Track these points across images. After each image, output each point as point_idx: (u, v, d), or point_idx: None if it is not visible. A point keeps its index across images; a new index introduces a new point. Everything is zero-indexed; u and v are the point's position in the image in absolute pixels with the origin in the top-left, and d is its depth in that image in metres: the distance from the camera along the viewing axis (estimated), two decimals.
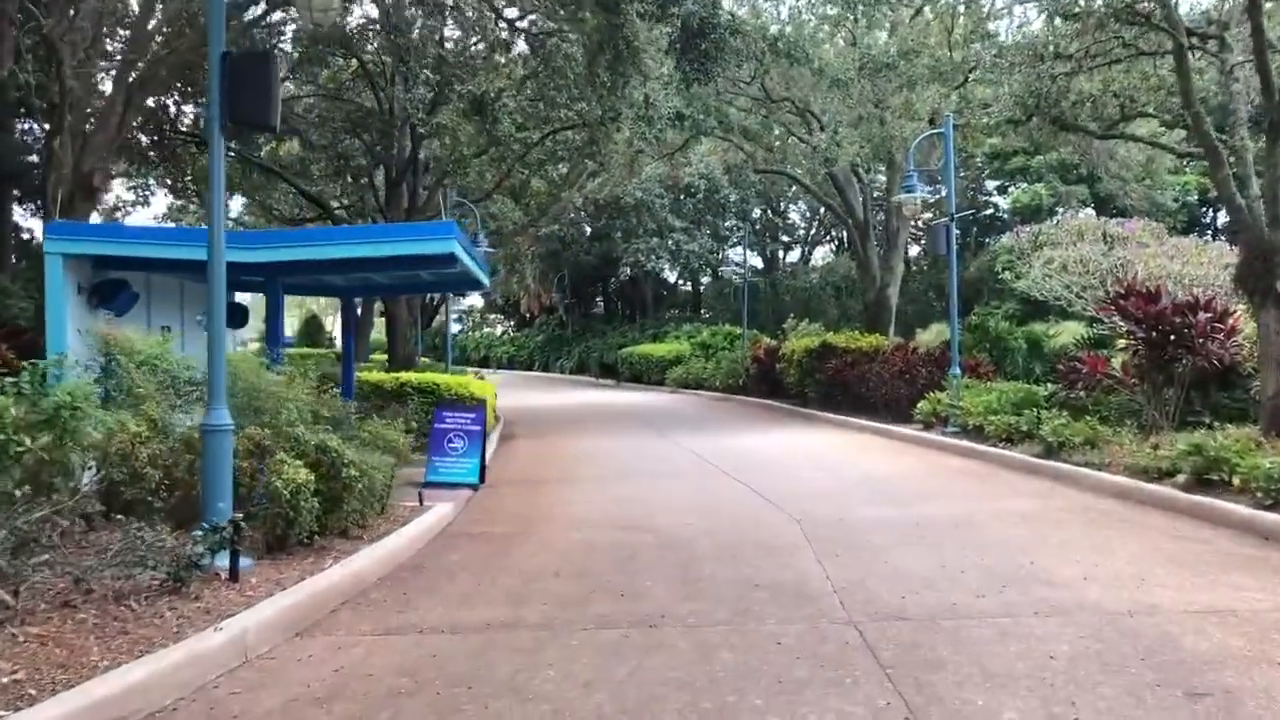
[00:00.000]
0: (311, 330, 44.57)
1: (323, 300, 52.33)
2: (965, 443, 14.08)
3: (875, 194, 35.69)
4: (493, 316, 57.96)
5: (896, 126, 19.13)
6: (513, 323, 54.90)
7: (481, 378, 23.07)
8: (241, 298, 14.35)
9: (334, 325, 48.64)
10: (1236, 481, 8.73)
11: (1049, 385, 15.14)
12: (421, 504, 10.03)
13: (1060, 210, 25.00)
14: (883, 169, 27.99)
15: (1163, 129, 15.93)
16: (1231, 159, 11.28)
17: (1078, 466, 11.09)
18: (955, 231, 15.66)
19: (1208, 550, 7.34)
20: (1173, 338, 12.04)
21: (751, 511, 9.75)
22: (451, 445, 12.72)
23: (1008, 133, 15.69)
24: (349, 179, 23.21)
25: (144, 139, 22.25)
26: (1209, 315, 12.25)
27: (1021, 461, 12.23)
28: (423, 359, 35.59)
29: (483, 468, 12.81)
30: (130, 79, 13.62)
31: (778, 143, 25.45)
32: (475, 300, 60.92)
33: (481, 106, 18.86)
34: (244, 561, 6.20)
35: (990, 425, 13.78)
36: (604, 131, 21.53)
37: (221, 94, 6.04)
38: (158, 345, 8.66)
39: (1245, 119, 11.30)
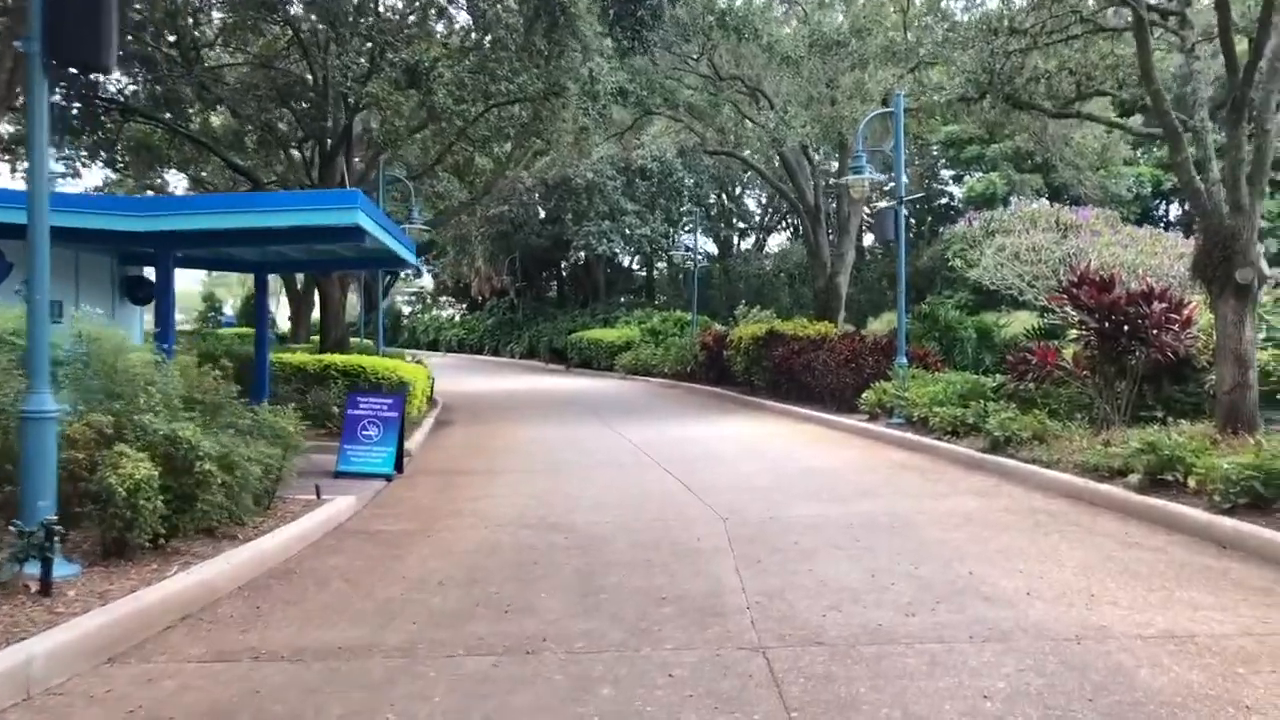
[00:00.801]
0: (250, 310, 43.29)
1: (271, 279, 51.02)
2: (910, 435, 13.46)
3: (829, 180, 35.15)
4: (444, 299, 56.77)
5: (848, 107, 18.43)
6: (464, 306, 53.79)
7: (419, 361, 22.17)
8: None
9: (279, 305, 47.28)
10: (1192, 483, 8.13)
11: (998, 376, 14.56)
12: (319, 498, 9.22)
13: (1014, 199, 24.47)
14: (836, 155, 27.34)
15: (1120, 114, 15.38)
16: (1192, 143, 10.69)
17: (1025, 463, 10.48)
18: (906, 217, 15.04)
19: (1162, 560, 6.70)
20: (1126, 328, 11.48)
21: (679, 508, 9.02)
22: (365, 433, 11.92)
23: (960, 113, 15.05)
24: (282, 153, 22.12)
25: (66, 104, 21.10)
26: (1164, 305, 11.69)
27: (967, 456, 11.61)
28: (366, 341, 34.62)
29: (400, 457, 12.02)
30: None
31: (730, 124, 24.65)
32: (426, 282, 59.76)
33: (416, 77, 17.93)
34: (66, 569, 5.36)
35: (936, 417, 13.16)
36: (549, 107, 20.67)
37: (43, 26, 5.17)
38: (14, 320, 7.72)
39: (1205, 100, 10.71)
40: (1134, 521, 8.03)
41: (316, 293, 30.47)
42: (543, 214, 39.53)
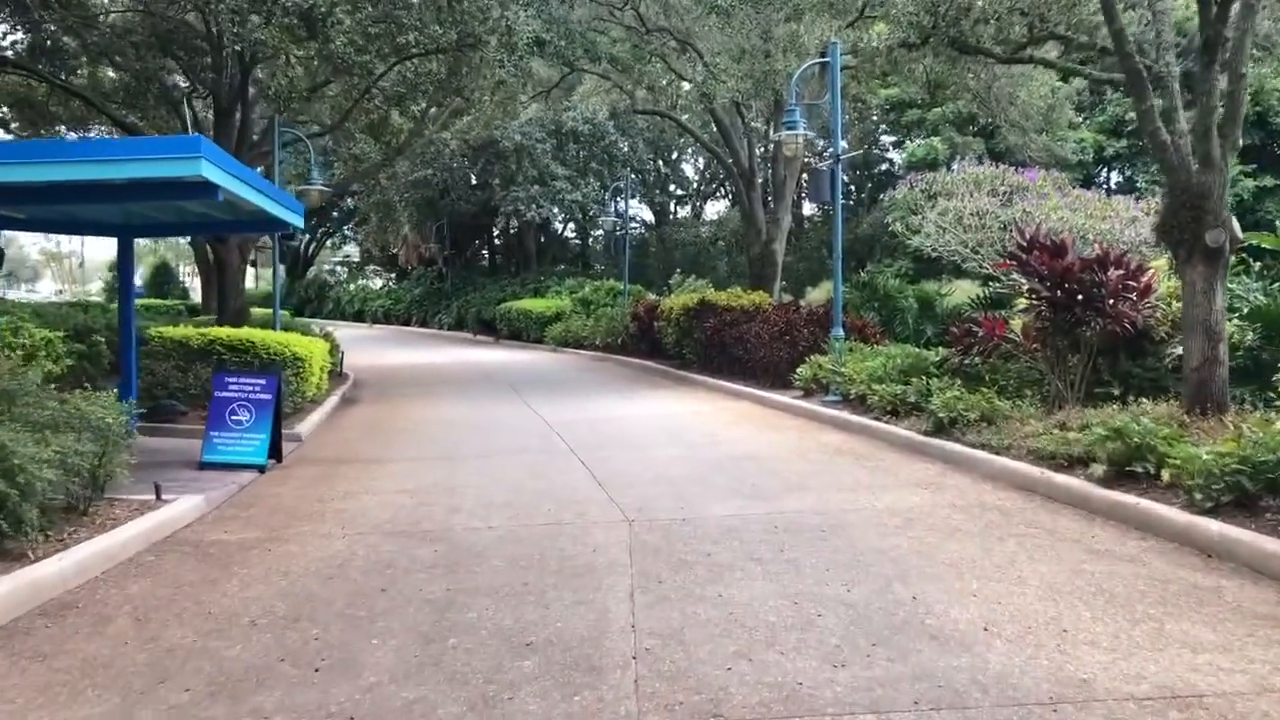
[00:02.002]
0: (160, 279, 40.98)
1: (181, 243, 48.67)
2: (846, 414, 12.34)
3: (766, 146, 33.93)
4: (370, 269, 54.72)
5: (782, 61, 17.14)
6: (393, 276, 51.88)
7: (327, 333, 20.61)
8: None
9: (192, 274, 45.05)
10: (1165, 475, 7.05)
11: (941, 350, 13.49)
12: (158, 498, 7.83)
13: (957, 163, 23.47)
14: (773, 117, 26.08)
15: (1074, 59, 14.30)
16: (1156, 91, 9.59)
17: (972, 448, 9.36)
18: (844, 182, 13.89)
19: (1141, 575, 5.59)
20: (1080, 297, 10.41)
21: (580, 507, 7.78)
22: (235, 418, 10.55)
23: (901, 65, 13.86)
24: (168, 108, 20.30)
25: None
26: (1121, 273, 10.63)
27: (907, 440, 10.49)
28: (283, 311, 32.74)
29: (276, 443, 10.66)
30: None
31: (660, 81, 23.23)
32: (352, 250, 57.71)
33: (312, 23, 16.31)
34: None
35: (874, 395, 12.05)
36: (465, 60, 19.16)
37: None
38: None
39: (1171, 44, 9.61)
40: (1100, 521, 6.93)
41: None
42: (474, 179, 37.81)
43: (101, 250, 73.05)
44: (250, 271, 50.22)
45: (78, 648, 4.63)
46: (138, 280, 49.40)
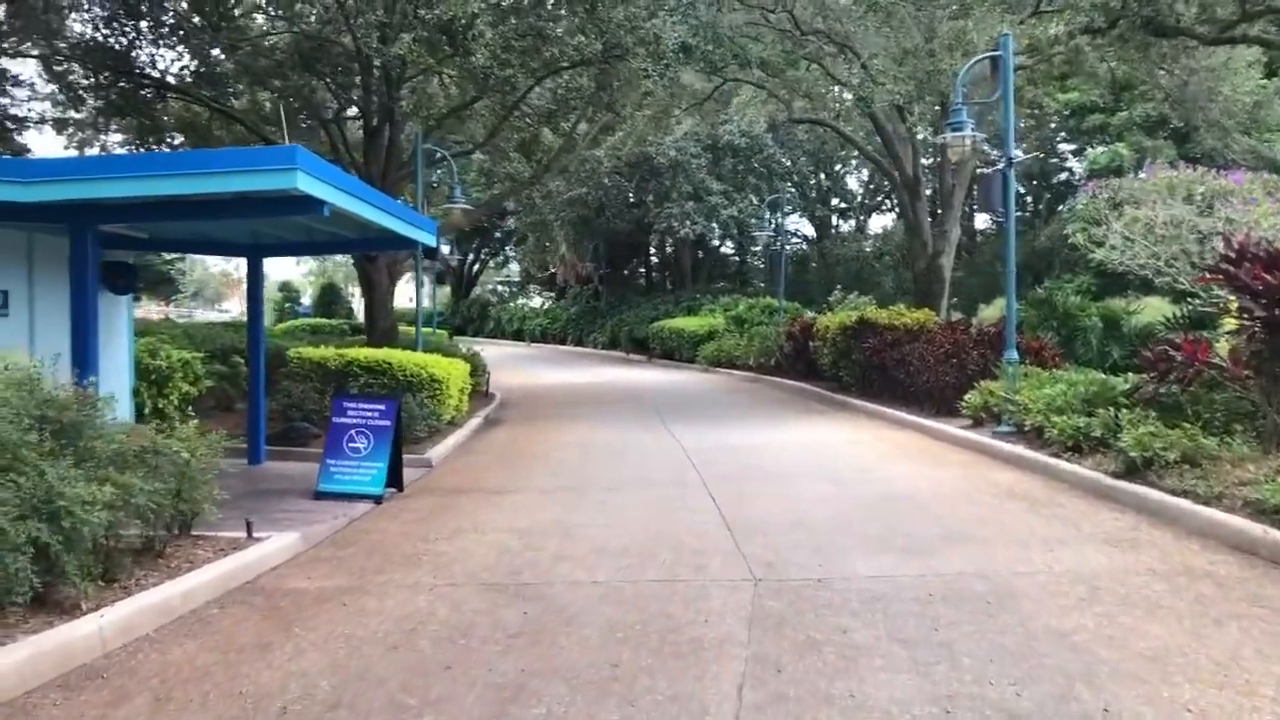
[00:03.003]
0: (328, 299, 42.22)
1: (349, 264, 50.19)
2: (1020, 449, 10.93)
3: (932, 156, 32.14)
4: (530, 288, 55.13)
5: (948, 60, 15.75)
6: (552, 294, 52.09)
7: (472, 353, 20.28)
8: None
9: (357, 295, 46.36)
10: None
11: (1130, 376, 11.85)
12: (249, 536, 7.29)
13: (1147, 167, 21.35)
14: (935, 122, 24.50)
15: None
16: None
17: (1173, 495, 7.91)
18: (1019, 193, 12.49)
19: None
20: None
21: (700, 558, 6.81)
22: (352, 445, 10.08)
23: (1082, 58, 12.31)
24: (324, 131, 20.47)
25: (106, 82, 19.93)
26: None
27: (1092, 482, 9.06)
28: (440, 331, 32.97)
29: (397, 472, 10.15)
30: None
31: (817, 88, 22.03)
32: (514, 270, 58.39)
33: (452, 35, 15.97)
34: None
35: (1053, 427, 10.59)
36: (613, 73, 18.53)
37: None
38: None
39: None
40: None
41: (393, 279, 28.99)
42: (632, 197, 37.37)
43: (279, 271, 76.65)
44: (413, 291, 51.52)
45: None
46: (305, 300, 51.32)
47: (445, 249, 30.75)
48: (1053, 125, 38.25)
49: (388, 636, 5.18)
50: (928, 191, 26.79)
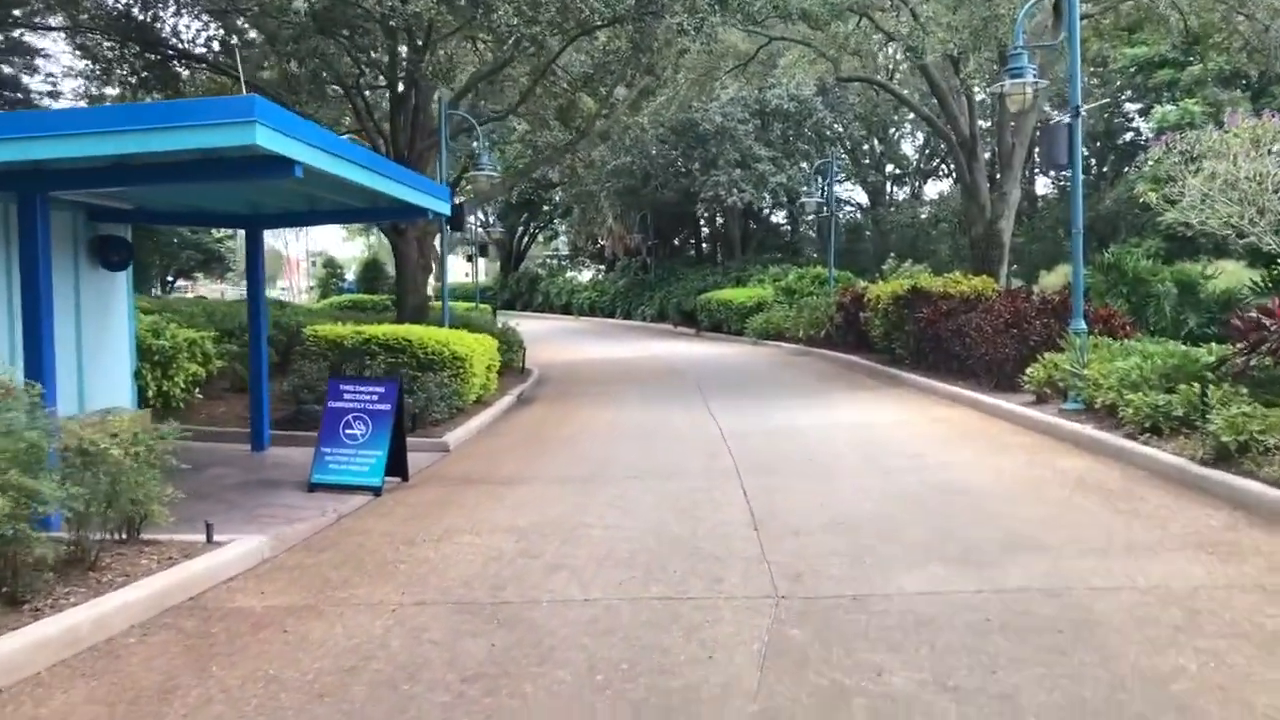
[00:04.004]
0: (371, 275, 41.71)
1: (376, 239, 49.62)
2: (1090, 430, 9.77)
3: (989, 117, 30.49)
4: (579, 260, 54.17)
5: (1006, 4, 14.43)
6: (602, 267, 51.12)
7: (508, 327, 19.40)
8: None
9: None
10: None
11: (1214, 346, 10.59)
12: (208, 541, 6.45)
13: (1227, 116, 19.72)
14: (992, 78, 23.05)
15: None
16: None
17: (1276, 488, 6.77)
18: (1084, 155, 11.24)
19: None
20: None
21: (717, 568, 5.84)
22: (349, 432, 9.30)
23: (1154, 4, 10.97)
24: (350, 102, 19.64)
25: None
26: None
27: (1178, 471, 7.89)
28: (482, 306, 32.17)
29: (400, 460, 9.32)
30: None
31: (869, 43, 20.70)
32: (562, 243, 57.52)
33: None
34: None
35: (1127, 406, 9.42)
36: (650, 32, 17.42)
37: None
38: None
39: None
40: None
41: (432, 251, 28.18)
42: (680, 165, 36.19)
43: (326, 245, 76.86)
44: (466, 265, 50.93)
45: None
46: (349, 276, 50.89)
47: (472, 219, 29.87)
48: (1118, 83, 36.27)
49: (318, 679, 4.27)
50: (985, 154, 25.32)
